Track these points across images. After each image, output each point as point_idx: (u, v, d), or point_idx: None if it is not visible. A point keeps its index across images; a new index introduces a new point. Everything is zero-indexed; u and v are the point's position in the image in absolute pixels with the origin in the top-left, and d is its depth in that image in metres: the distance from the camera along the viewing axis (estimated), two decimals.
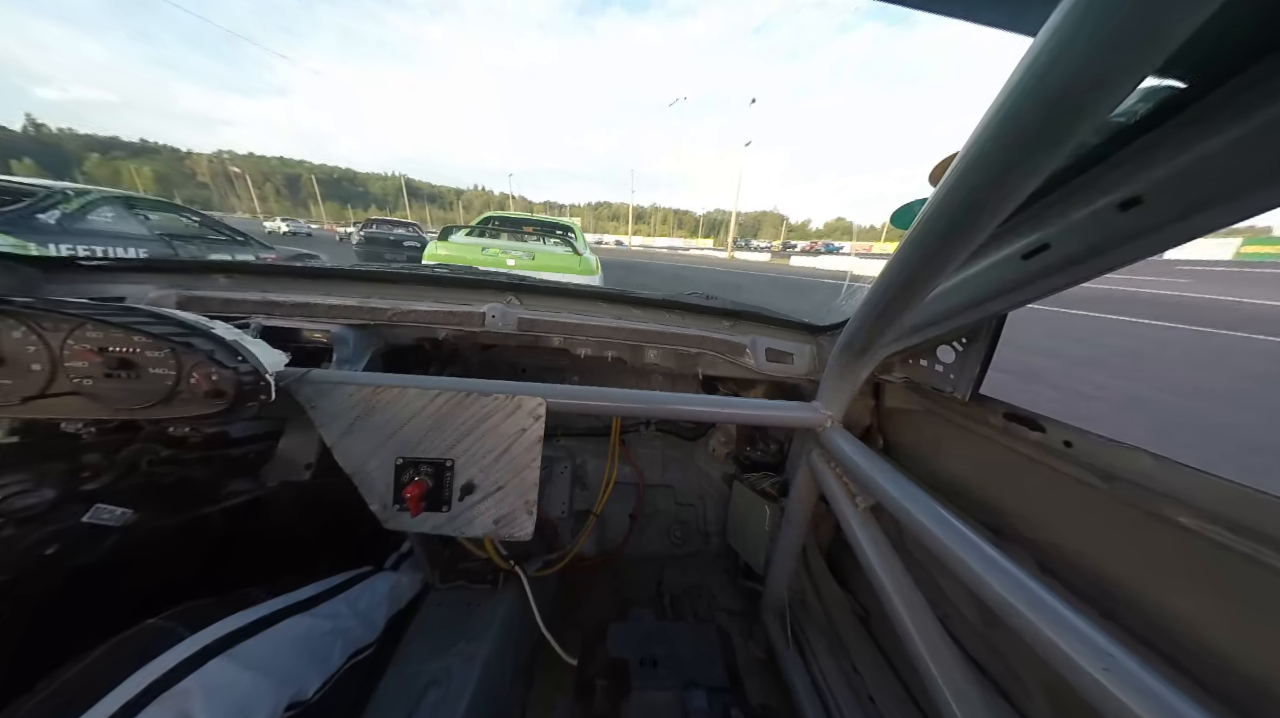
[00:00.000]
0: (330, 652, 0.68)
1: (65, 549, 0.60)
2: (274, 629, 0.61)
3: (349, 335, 0.92)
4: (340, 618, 0.73)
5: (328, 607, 0.72)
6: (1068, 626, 0.38)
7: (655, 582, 1.33)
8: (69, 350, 0.54)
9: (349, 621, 0.74)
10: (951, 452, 0.81)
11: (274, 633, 0.61)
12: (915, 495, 0.60)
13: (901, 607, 0.65)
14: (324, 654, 0.67)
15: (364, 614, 0.78)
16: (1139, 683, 0.32)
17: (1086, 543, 0.57)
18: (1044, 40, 0.27)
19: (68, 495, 0.61)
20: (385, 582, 0.87)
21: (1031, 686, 0.62)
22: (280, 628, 0.62)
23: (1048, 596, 0.41)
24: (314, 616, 0.69)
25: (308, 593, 0.72)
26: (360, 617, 0.77)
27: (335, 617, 0.72)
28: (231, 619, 0.58)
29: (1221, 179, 0.34)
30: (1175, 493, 0.47)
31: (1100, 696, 0.34)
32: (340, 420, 0.69)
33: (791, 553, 0.99)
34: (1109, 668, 0.34)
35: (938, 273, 0.49)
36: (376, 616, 0.81)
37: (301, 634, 0.65)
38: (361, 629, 0.76)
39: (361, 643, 0.75)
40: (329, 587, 0.76)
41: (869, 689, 0.89)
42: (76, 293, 0.88)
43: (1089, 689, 0.35)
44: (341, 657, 0.69)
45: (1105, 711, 0.34)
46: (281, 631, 0.62)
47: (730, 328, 1.11)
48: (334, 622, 0.71)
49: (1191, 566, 0.46)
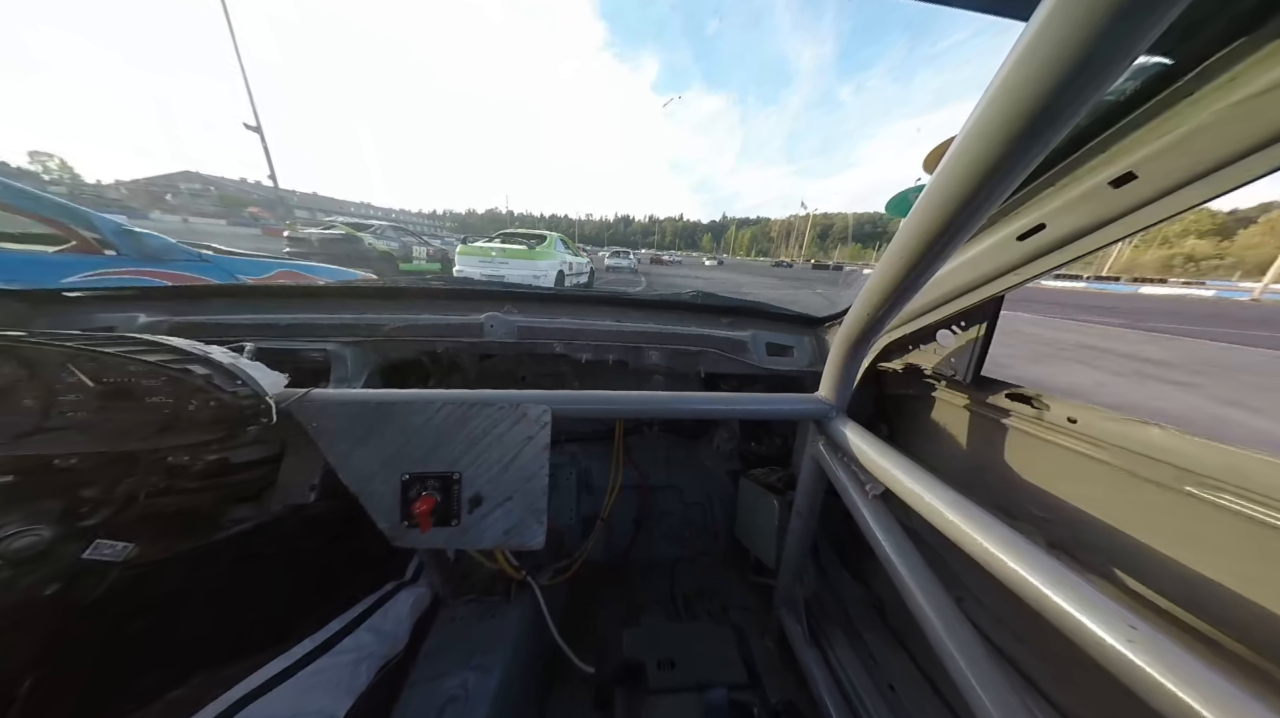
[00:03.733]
0: (357, 675, 0.68)
1: (67, 588, 0.58)
2: (298, 678, 0.61)
3: (346, 353, 0.90)
4: (365, 647, 0.72)
5: (351, 640, 0.71)
6: (1088, 600, 0.38)
7: (667, 584, 1.33)
8: (62, 384, 0.53)
9: (373, 646, 0.73)
10: (956, 434, 0.81)
11: (299, 681, 0.61)
12: (925, 480, 0.60)
13: (917, 592, 0.65)
14: (350, 680, 0.67)
15: (389, 634, 0.77)
16: (1164, 653, 0.32)
17: (1095, 518, 0.58)
18: (1037, 24, 0.27)
19: (66, 533, 0.59)
20: (408, 596, 0.86)
21: (1051, 663, 0.62)
22: (304, 675, 0.62)
23: (1067, 571, 0.41)
24: (337, 653, 0.68)
25: (330, 631, 0.70)
26: (385, 636, 0.76)
27: (359, 648, 0.71)
28: (257, 675, 0.58)
29: (1208, 152, 0.35)
30: (1181, 463, 0.47)
31: (1125, 667, 0.34)
32: (343, 439, 0.68)
33: (802, 546, 0.99)
34: (1133, 640, 0.34)
35: (937, 258, 0.49)
36: (401, 630, 0.80)
37: (327, 672, 0.64)
38: (388, 647, 0.76)
39: (389, 657, 0.75)
40: (352, 618, 0.75)
41: (889, 678, 0.89)
42: (64, 324, 0.86)
43: (1113, 662, 0.35)
44: (369, 675, 0.69)
45: (1132, 681, 0.34)
46: (306, 677, 0.62)
47: (729, 325, 1.11)
48: (358, 652, 0.70)
49: (1200, 532, 0.47)
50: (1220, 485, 0.44)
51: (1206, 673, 0.31)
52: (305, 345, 0.89)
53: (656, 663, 1.06)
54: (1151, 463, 0.50)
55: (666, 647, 1.10)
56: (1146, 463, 0.51)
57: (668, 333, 1.03)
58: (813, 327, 1.10)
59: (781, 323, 1.12)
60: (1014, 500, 0.69)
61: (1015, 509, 0.68)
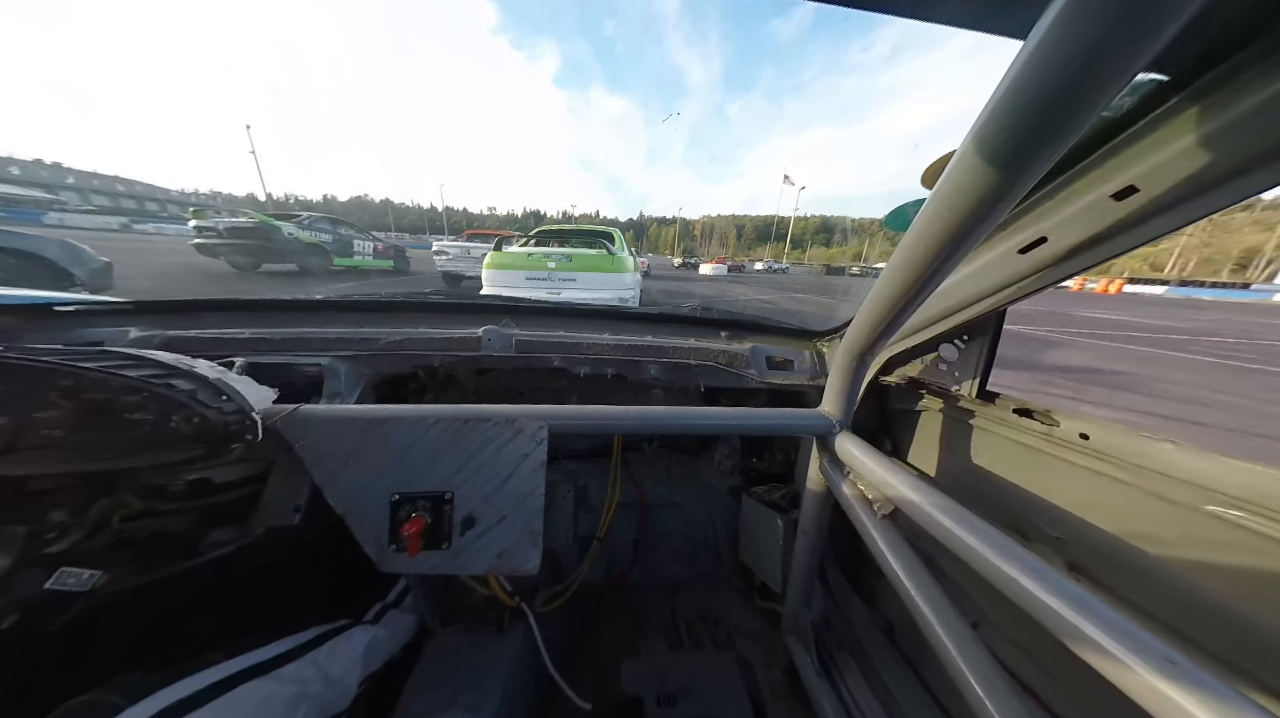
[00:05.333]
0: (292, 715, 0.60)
1: (25, 621, 0.54)
2: (226, 698, 0.54)
3: (340, 367, 0.89)
4: (307, 683, 0.64)
5: (292, 669, 0.63)
6: (1120, 628, 0.35)
7: (668, 608, 1.27)
8: (38, 401, 0.50)
9: (316, 685, 0.65)
10: (963, 451, 0.80)
11: (225, 703, 0.54)
12: (934, 497, 0.58)
13: (931, 618, 0.61)
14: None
15: (334, 678, 0.68)
16: (1209, 687, 0.30)
17: (1114, 539, 0.56)
18: (1035, 42, 0.27)
19: (29, 560, 0.55)
20: (362, 638, 0.76)
21: (1078, 697, 0.58)
22: (233, 696, 0.55)
23: (1093, 597, 0.39)
24: (276, 679, 0.60)
25: (270, 653, 0.63)
26: (330, 681, 0.67)
27: (301, 681, 0.63)
28: (177, 687, 0.51)
29: (1210, 165, 0.35)
30: (1202, 482, 0.46)
31: (1164, 704, 0.32)
32: (331, 457, 0.65)
33: (808, 567, 0.96)
34: (1173, 676, 0.31)
35: (939, 272, 0.49)
36: (349, 678, 0.71)
37: (260, 703, 0.57)
38: (331, 695, 0.67)
39: (331, 711, 0.66)
40: (296, 644, 0.67)
41: (905, 713, 0.84)
42: (54, 339, 0.84)
43: (1149, 698, 0.33)
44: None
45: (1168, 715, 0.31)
46: (234, 699, 0.55)
47: (728, 338, 1.10)
48: (299, 687, 0.63)
49: (1223, 556, 0.45)
50: (1244, 506, 0.42)
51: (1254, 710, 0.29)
52: (299, 360, 0.87)
53: (656, 700, 1.00)
54: (1170, 481, 0.48)
55: (668, 680, 1.04)
56: (1164, 481, 0.49)
57: (666, 346, 1.02)
58: (813, 340, 1.09)
59: (781, 336, 1.11)
60: (1027, 520, 0.66)
61: (1029, 530, 0.66)
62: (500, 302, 1.14)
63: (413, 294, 1.26)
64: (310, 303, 1.03)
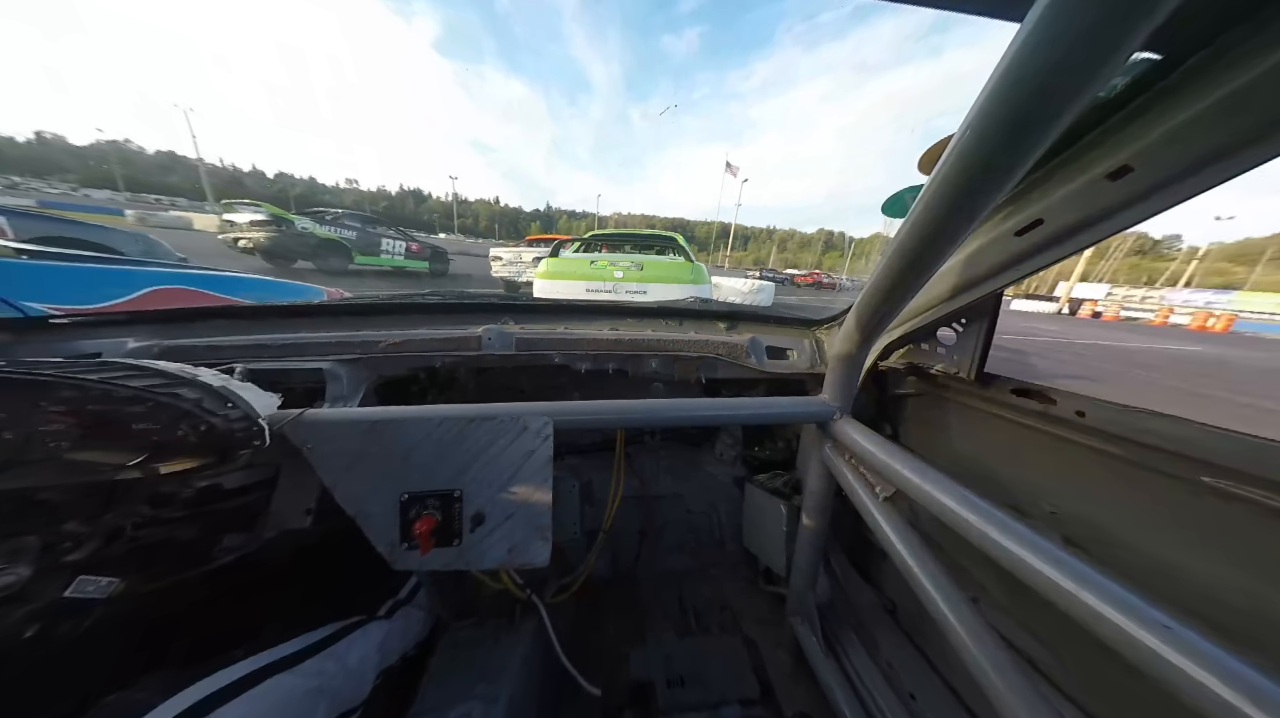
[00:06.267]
0: (313, 714, 0.62)
1: (46, 629, 0.55)
2: (251, 693, 0.57)
3: (342, 371, 0.89)
4: (327, 676, 0.67)
5: (313, 663, 0.66)
6: (1117, 597, 0.37)
7: (675, 596, 1.30)
8: (41, 414, 0.51)
9: (337, 679, 0.68)
10: (962, 433, 0.81)
11: (253, 696, 0.56)
12: (935, 479, 0.59)
13: (934, 594, 0.63)
14: (309, 711, 0.62)
15: (353, 671, 0.71)
16: (1204, 649, 0.31)
17: (1110, 513, 0.57)
18: (1031, 25, 0.27)
19: (47, 569, 0.56)
20: (377, 633, 0.79)
21: (1076, 664, 0.60)
22: (260, 690, 0.58)
23: (1090, 568, 0.40)
24: (297, 674, 0.63)
25: (291, 648, 0.66)
26: (349, 674, 0.70)
27: (321, 674, 0.66)
28: (204, 684, 0.54)
29: (1204, 143, 0.35)
30: (1195, 453, 0.47)
31: (1161, 666, 0.33)
32: (339, 460, 0.66)
33: (812, 551, 0.98)
34: (1168, 641, 0.33)
35: (937, 257, 0.49)
36: (366, 671, 0.74)
37: (283, 696, 0.60)
38: (350, 688, 0.70)
39: (349, 705, 0.69)
40: (315, 640, 0.70)
41: (909, 687, 0.86)
42: (49, 352, 0.84)
43: (1148, 661, 0.34)
44: (327, 713, 0.64)
45: (1169, 680, 0.33)
46: (261, 693, 0.57)
47: (727, 330, 1.11)
48: (320, 679, 0.65)
49: (1217, 525, 0.46)
50: (1237, 476, 0.44)
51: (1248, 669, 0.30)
52: (299, 365, 0.87)
53: (666, 682, 1.03)
54: (1164, 455, 0.49)
55: (676, 664, 1.07)
56: (1159, 455, 0.50)
57: (666, 340, 1.02)
58: (812, 329, 1.10)
59: (780, 326, 1.12)
60: (1025, 498, 0.68)
61: (1026, 507, 0.67)
62: (499, 300, 1.14)
63: (411, 295, 1.25)
64: (307, 308, 1.02)
